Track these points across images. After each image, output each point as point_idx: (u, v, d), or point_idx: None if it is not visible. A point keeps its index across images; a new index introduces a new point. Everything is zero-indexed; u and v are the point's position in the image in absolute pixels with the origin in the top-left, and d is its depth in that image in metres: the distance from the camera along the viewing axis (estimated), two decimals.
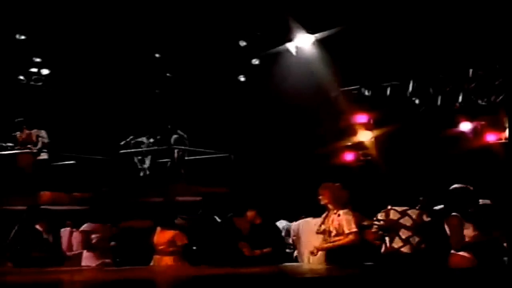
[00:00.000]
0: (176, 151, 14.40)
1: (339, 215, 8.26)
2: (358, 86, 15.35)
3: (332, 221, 8.30)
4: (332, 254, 8.31)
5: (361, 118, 15.20)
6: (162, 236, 9.61)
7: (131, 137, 14.76)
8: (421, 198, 10.14)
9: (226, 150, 14.82)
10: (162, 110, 15.64)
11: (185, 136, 14.71)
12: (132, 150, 14.66)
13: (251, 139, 15.56)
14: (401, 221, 7.90)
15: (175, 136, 14.63)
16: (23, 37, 14.05)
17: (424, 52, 13.95)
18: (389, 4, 13.28)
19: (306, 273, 7.79)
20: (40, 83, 15.01)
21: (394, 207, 8.02)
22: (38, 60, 14.94)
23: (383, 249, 8.14)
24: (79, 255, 10.49)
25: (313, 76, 14.67)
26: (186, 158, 14.68)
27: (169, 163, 14.42)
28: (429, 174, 13.35)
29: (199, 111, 15.61)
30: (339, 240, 8.19)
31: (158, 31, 14.51)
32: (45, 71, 15.08)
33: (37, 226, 10.60)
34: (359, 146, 15.32)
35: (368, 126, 15.20)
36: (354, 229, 8.14)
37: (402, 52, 14.00)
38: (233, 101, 15.71)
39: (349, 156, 15.38)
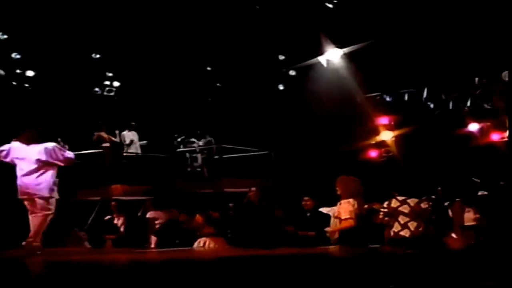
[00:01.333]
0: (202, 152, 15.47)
1: (340, 203, 8.63)
2: (380, 93, 16.09)
3: (337, 209, 8.68)
4: (342, 236, 8.63)
5: (383, 120, 15.93)
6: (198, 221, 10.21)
7: (183, 137, 15.83)
8: (439, 188, 11.02)
9: (267, 148, 15.72)
10: (214, 115, 16.71)
11: (213, 140, 15.80)
12: (187, 148, 15.69)
13: (288, 139, 16.27)
14: (400, 208, 8.13)
15: (204, 140, 15.83)
16: (98, 56, 15.44)
17: (436, 63, 14.75)
18: (405, 22, 14.13)
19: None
20: (112, 94, 16.27)
21: (397, 197, 8.27)
22: (110, 74, 16.21)
23: (392, 234, 8.31)
24: None
25: (341, 85, 15.37)
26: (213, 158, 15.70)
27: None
28: (442, 168, 14.00)
29: (245, 116, 16.55)
30: (340, 225, 8.54)
31: (210, 48, 15.59)
32: (116, 84, 16.33)
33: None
34: (382, 144, 16.03)
35: (389, 127, 15.91)
36: (348, 216, 8.41)
37: (417, 63, 14.81)
38: (274, 107, 16.55)
39: (373, 153, 16.18)
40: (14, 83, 14.98)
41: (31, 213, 8.49)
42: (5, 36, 14.08)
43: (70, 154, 8.61)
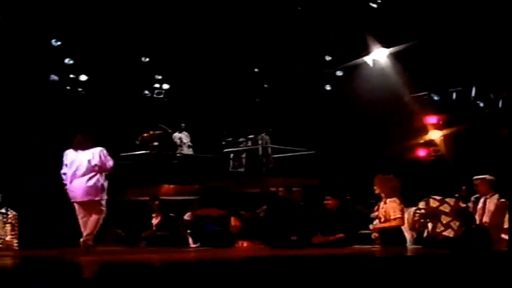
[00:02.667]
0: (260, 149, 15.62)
1: (385, 203, 8.59)
2: (428, 92, 15.97)
3: (382, 208, 8.68)
4: (384, 236, 8.69)
5: (432, 119, 15.77)
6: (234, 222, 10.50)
7: (231, 138, 16.10)
8: (463, 187, 10.90)
9: (314, 148, 15.86)
10: (262, 116, 16.89)
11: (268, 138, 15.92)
12: (232, 149, 15.95)
13: (335, 139, 16.36)
14: (441, 208, 8.11)
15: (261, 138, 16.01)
16: (147, 59, 15.88)
17: (484, 61, 14.51)
18: (452, 20, 14.07)
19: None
20: (161, 96, 16.63)
21: (433, 196, 8.23)
22: (159, 77, 16.61)
23: (425, 234, 8.45)
24: None
25: (388, 84, 15.36)
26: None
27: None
28: (492, 167, 13.24)
29: (292, 116, 16.62)
30: (388, 223, 8.54)
31: (257, 49, 15.88)
32: (165, 86, 16.70)
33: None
34: (430, 143, 15.86)
35: (437, 126, 15.75)
36: (399, 215, 8.42)
37: (465, 62, 14.67)
38: (320, 107, 16.63)
39: (421, 152, 15.99)
40: (68, 87, 15.37)
41: (83, 216, 9.05)
42: (59, 43, 14.48)
43: (111, 162, 9.09)
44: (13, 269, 6.66)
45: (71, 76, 15.31)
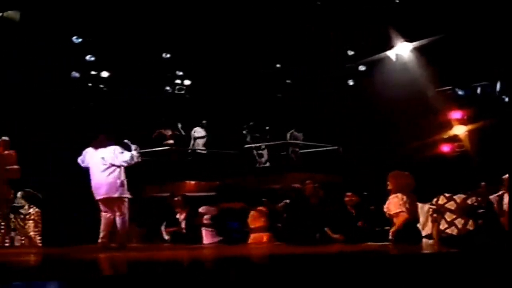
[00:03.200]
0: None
1: (389, 199, 8.27)
2: (452, 87, 15.85)
3: (385, 205, 8.34)
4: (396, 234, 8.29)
5: (456, 114, 15.57)
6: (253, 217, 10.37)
7: (254, 134, 16.08)
8: (482, 184, 10.73)
9: (336, 143, 15.90)
10: (284, 111, 16.89)
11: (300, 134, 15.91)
12: (253, 145, 15.97)
13: (358, 134, 16.28)
14: (447, 205, 7.86)
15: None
16: (168, 56, 15.94)
17: (508, 56, 13.15)
18: (476, 14, 13.98)
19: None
20: (182, 92, 16.74)
21: (445, 193, 7.96)
22: (180, 73, 16.69)
23: (435, 231, 8.09)
24: None
25: (412, 79, 15.22)
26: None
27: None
28: None
29: (314, 112, 16.59)
30: (396, 225, 8.19)
31: (279, 45, 15.88)
32: (187, 82, 16.82)
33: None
34: (455, 139, 15.67)
35: (462, 121, 15.52)
36: (400, 209, 8.11)
37: (489, 56, 14.43)
38: (343, 102, 16.57)
39: (446, 148, 15.80)
40: (89, 84, 15.46)
41: (104, 214, 9.13)
42: (80, 40, 14.54)
43: (125, 157, 9.05)
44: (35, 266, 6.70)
45: (93, 72, 15.29)
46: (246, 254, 8.04)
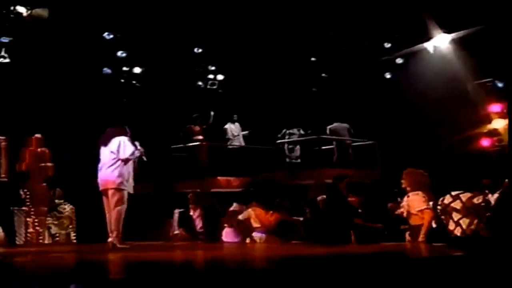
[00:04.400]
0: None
1: (409, 196, 8.18)
2: (491, 79, 15.41)
3: (405, 202, 8.27)
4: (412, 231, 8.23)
5: (495, 107, 15.27)
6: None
7: (285, 130, 15.91)
8: (486, 180, 9.84)
9: (372, 138, 15.60)
10: (319, 106, 16.69)
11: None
12: (285, 140, 15.78)
13: (394, 128, 16.06)
14: (452, 204, 7.72)
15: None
16: (200, 50, 15.95)
17: None
18: None
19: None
20: (215, 87, 16.73)
21: (452, 192, 7.83)
22: (212, 68, 16.67)
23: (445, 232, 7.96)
24: None
25: (450, 71, 15.00)
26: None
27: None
28: None
29: (350, 105, 16.31)
30: (425, 227, 7.97)
31: (314, 38, 15.85)
32: (220, 77, 16.81)
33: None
34: (494, 133, 15.33)
35: (501, 115, 15.18)
36: (424, 206, 7.98)
37: None
38: (380, 96, 16.31)
39: (485, 142, 15.51)
40: (122, 80, 15.53)
41: (107, 210, 9.19)
42: (111, 36, 14.60)
43: (128, 150, 9.05)
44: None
45: (125, 68, 15.35)
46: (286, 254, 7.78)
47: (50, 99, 14.45)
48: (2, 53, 13.28)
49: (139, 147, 9.29)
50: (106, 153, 9.15)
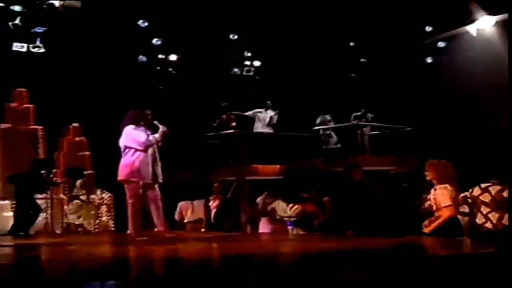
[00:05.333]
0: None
1: (435, 189, 7.88)
2: None
3: (432, 196, 7.95)
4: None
5: None
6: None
7: (321, 116, 15.56)
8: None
9: (411, 125, 15.14)
10: (358, 92, 16.45)
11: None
12: (321, 127, 15.44)
13: (435, 114, 15.78)
14: (481, 197, 7.54)
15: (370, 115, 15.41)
16: (236, 37, 15.85)
17: None
18: None
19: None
20: (251, 74, 16.59)
21: (482, 183, 7.63)
22: (248, 54, 16.50)
23: (469, 225, 7.91)
24: None
25: (493, 55, 14.31)
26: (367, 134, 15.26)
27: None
28: None
29: (390, 91, 16.19)
30: (440, 217, 7.76)
31: (353, 22, 15.48)
32: (257, 63, 16.63)
33: None
34: None
35: None
36: (449, 203, 7.67)
37: None
38: (421, 81, 16.05)
39: None
40: (158, 68, 15.60)
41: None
42: (146, 24, 14.65)
43: (139, 138, 8.80)
44: None
45: (160, 56, 15.40)
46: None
47: (87, 88, 14.60)
48: (37, 43, 13.45)
49: (161, 128, 9.02)
50: (120, 144, 8.97)
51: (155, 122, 9.11)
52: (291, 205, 10.00)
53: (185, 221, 12.74)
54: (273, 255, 6.63)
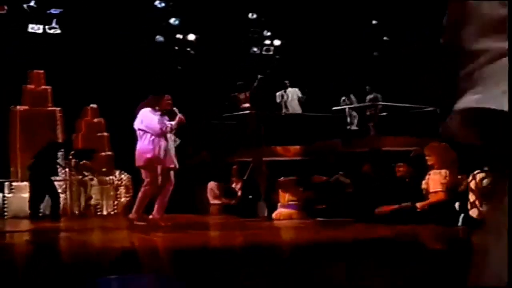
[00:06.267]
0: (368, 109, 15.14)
1: (429, 174, 7.84)
2: None
3: (425, 180, 7.93)
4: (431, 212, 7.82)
5: None
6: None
7: (344, 97, 15.60)
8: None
9: (433, 104, 14.98)
10: (378, 71, 16.29)
11: (379, 96, 15.35)
12: (343, 107, 15.44)
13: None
14: (470, 184, 7.29)
15: (370, 96, 15.38)
16: (254, 16, 15.80)
17: None
18: None
19: None
20: (271, 53, 16.52)
21: (478, 170, 7.28)
22: (268, 33, 16.46)
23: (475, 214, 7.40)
24: None
25: None
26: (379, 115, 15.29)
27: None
28: None
29: (412, 70, 15.83)
30: (430, 200, 7.73)
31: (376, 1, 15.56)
32: (277, 42, 16.56)
33: None
34: None
35: None
36: (438, 189, 7.60)
37: None
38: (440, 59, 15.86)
39: None
40: (176, 48, 15.55)
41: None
42: (163, 4, 14.59)
43: (152, 123, 8.56)
44: None
45: (178, 36, 15.34)
46: None
47: (104, 69, 14.60)
48: (53, 25, 13.45)
49: (179, 115, 8.71)
50: (135, 128, 8.66)
51: (174, 108, 8.84)
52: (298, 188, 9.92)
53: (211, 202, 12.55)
54: (271, 247, 6.37)
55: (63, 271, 4.67)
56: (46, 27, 13.42)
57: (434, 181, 7.68)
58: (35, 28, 13.32)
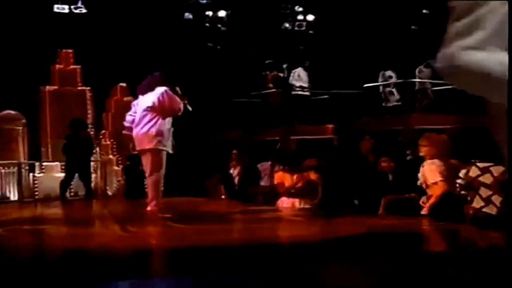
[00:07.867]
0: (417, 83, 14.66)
1: (423, 166, 7.55)
2: None
3: (421, 173, 7.61)
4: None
5: None
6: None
7: (382, 72, 15.13)
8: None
9: None
10: (418, 46, 15.50)
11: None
12: (378, 83, 15.03)
13: None
14: (481, 178, 6.91)
15: (425, 71, 14.72)
16: None
17: None
18: None
19: None
20: (302, 28, 16.23)
21: (478, 163, 7.04)
22: (300, 9, 16.21)
23: (467, 210, 7.24)
24: None
25: None
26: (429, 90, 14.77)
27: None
28: None
29: None
30: (432, 196, 7.44)
31: None
32: (310, 17, 16.28)
33: None
34: None
35: None
36: (439, 178, 7.32)
37: None
38: None
39: None
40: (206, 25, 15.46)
41: (148, 174, 8.37)
42: None
43: (176, 104, 8.17)
44: None
45: (208, 13, 15.25)
46: None
47: (133, 47, 14.62)
48: (79, 4, 13.51)
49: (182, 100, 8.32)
50: (142, 107, 8.18)
51: (177, 88, 8.46)
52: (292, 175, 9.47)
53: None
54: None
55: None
56: (72, 7, 13.47)
57: (432, 171, 7.38)
58: (60, 8, 13.39)
